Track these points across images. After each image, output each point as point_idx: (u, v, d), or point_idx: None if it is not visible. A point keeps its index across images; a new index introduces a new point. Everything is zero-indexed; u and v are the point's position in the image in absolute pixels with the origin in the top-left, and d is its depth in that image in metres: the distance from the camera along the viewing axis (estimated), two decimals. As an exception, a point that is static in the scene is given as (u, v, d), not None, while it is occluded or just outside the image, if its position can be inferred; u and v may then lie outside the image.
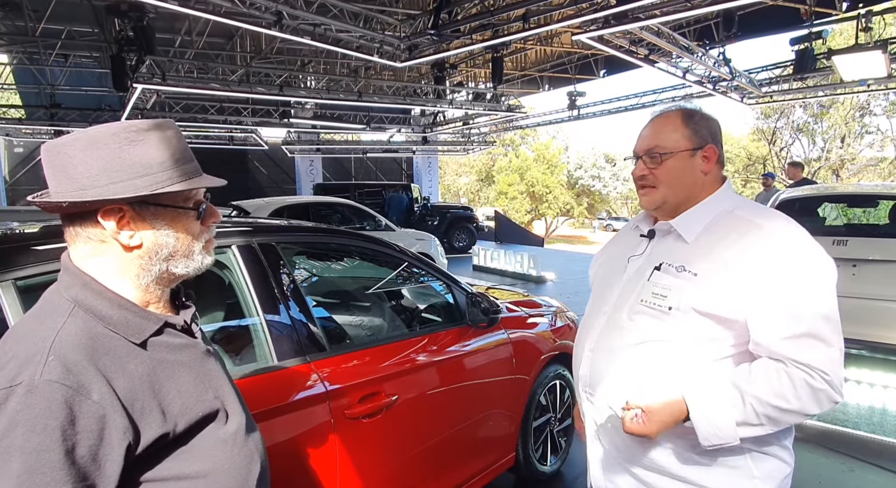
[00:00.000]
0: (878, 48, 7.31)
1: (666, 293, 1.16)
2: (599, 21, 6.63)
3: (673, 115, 1.25)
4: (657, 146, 1.23)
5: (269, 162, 20.11)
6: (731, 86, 10.69)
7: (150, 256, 0.82)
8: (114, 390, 0.73)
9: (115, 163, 0.78)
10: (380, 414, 1.83)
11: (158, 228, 0.82)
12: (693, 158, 1.22)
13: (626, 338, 1.21)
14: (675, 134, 1.22)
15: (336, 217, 8.91)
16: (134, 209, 0.80)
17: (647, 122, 1.29)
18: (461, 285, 2.48)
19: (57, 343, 0.73)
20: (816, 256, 1.11)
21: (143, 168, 0.79)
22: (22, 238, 1.46)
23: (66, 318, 0.77)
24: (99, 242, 0.81)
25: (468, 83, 15.14)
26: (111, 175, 0.77)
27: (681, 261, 1.18)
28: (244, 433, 0.90)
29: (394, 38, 8.23)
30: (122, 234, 0.80)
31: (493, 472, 2.46)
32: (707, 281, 1.13)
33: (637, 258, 1.29)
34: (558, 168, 32.79)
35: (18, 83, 13.80)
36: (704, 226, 1.20)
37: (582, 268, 11.57)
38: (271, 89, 11.27)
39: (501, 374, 2.49)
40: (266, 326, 1.66)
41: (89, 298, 0.79)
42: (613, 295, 1.29)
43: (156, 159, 0.80)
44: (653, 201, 1.26)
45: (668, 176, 1.22)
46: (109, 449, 0.71)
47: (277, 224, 2.14)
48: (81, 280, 0.80)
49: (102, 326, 0.78)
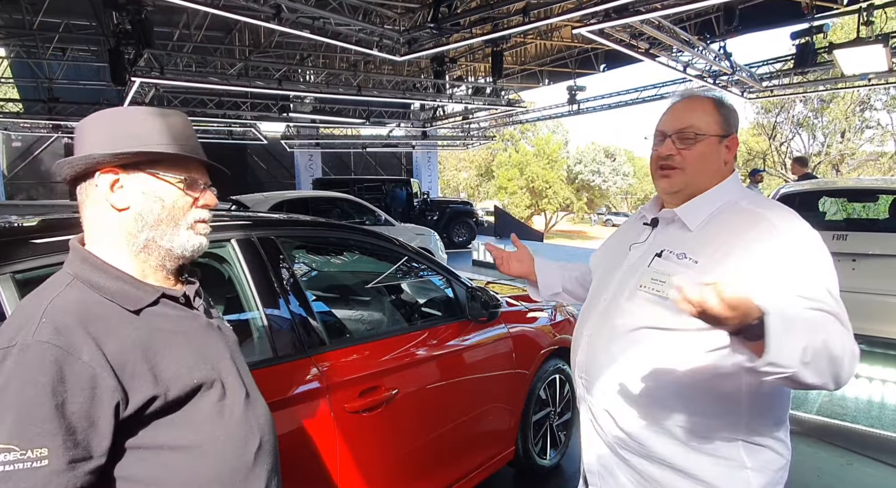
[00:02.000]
0: (879, 42, 7.29)
1: (665, 279, 1.14)
2: (600, 14, 6.60)
3: (705, 99, 1.21)
4: (692, 126, 1.17)
5: (269, 156, 20.06)
6: (731, 80, 10.66)
7: (136, 220, 0.87)
8: (103, 353, 0.78)
9: (119, 133, 0.87)
10: (380, 409, 1.83)
11: (146, 192, 0.87)
12: (720, 145, 1.18)
13: (624, 324, 1.20)
14: (710, 117, 1.18)
15: (335, 212, 8.90)
16: (127, 172, 0.87)
17: (675, 102, 1.24)
18: (461, 279, 2.47)
19: (50, 308, 0.79)
20: (824, 251, 1.09)
21: (142, 138, 0.87)
22: (19, 231, 1.46)
23: (62, 289, 0.83)
24: (94, 204, 0.88)
25: (468, 77, 15.10)
26: (114, 143, 0.86)
27: (682, 249, 1.16)
28: (242, 407, 0.92)
29: (393, 32, 8.19)
30: (113, 196, 0.86)
31: (492, 466, 2.47)
32: (708, 269, 1.10)
33: (639, 245, 1.27)
34: (558, 163, 32.74)
35: (16, 77, 13.75)
36: (709, 215, 1.18)
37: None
38: (270, 83, 11.23)
39: (501, 369, 2.49)
40: (266, 320, 1.66)
41: (87, 271, 0.85)
42: (614, 281, 1.27)
43: (154, 132, 0.88)
44: (674, 184, 1.20)
45: (697, 159, 1.18)
46: (99, 406, 0.76)
47: (277, 218, 2.13)
48: (81, 255, 0.87)
49: (99, 296, 0.84)
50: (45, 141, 16.39)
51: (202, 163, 0.93)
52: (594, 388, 1.26)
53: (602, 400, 1.25)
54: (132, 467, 0.81)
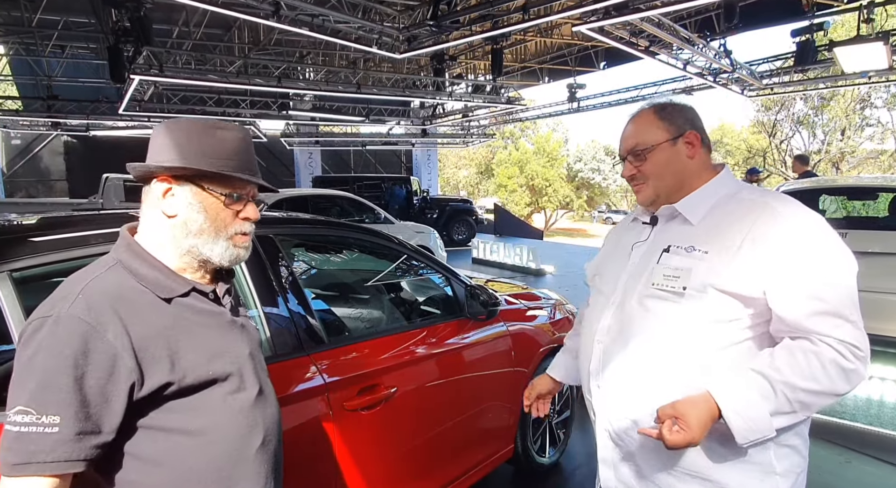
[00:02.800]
0: (879, 40, 7.28)
1: (678, 274, 1.13)
2: (600, 12, 6.59)
3: (645, 112, 1.27)
4: (637, 144, 1.24)
5: (268, 154, 20.04)
6: (731, 78, 10.65)
7: (181, 227, 0.94)
8: (128, 334, 0.84)
9: (183, 144, 0.93)
10: (379, 407, 1.83)
11: (192, 203, 0.94)
12: (675, 146, 1.22)
13: (640, 327, 1.17)
14: (652, 128, 1.23)
15: (335, 210, 8.89)
16: (178, 182, 0.94)
17: (625, 125, 1.31)
18: (460, 277, 2.47)
19: (88, 287, 0.86)
20: (835, 237, 1.10)
21: (202, 152, 0.93)
22: (18, 229, 1.45)
23: (104, 270, 0.90)
24: (149, 206, 0.96)
25: (468, 75, 15.07)
26: (173, 152, 0.93)
27: (689, 242, 1.16)
28: (252, 402, 0.97)
29: (392, 30, 8.17)
30: (164, 202, 0.94)
31: (491, 464, 2.47)
32: (720, 258, 1.10)
33: (641, 244, 1.27)
34: (558, 161, 32.70)
35: (15, 74, 13.73)
36: (709, 207, 1.19)
37: (581, 261, 11.58)
38: (270, 81, 11.22)
39: (500, 367, 2.49)
40: (264, 319, 1.65)
41: (129, 258, 0.93)
42: (620, 283, 1.25)
43: (214, 149, 0.94)
44: (647, 196, 1.26)
45: (655, 168, 1.23)
46: (115, 385, 0.82)
47: (275, 216, 2.13)
48: (127, 242, 0.95)
49: (136, 281, 0.90)
50: (45, 138, 16.37)
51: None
52: (612, 396, 1.21)
53: (622, 410, 1.19)
54: (141, 445, 0.87)
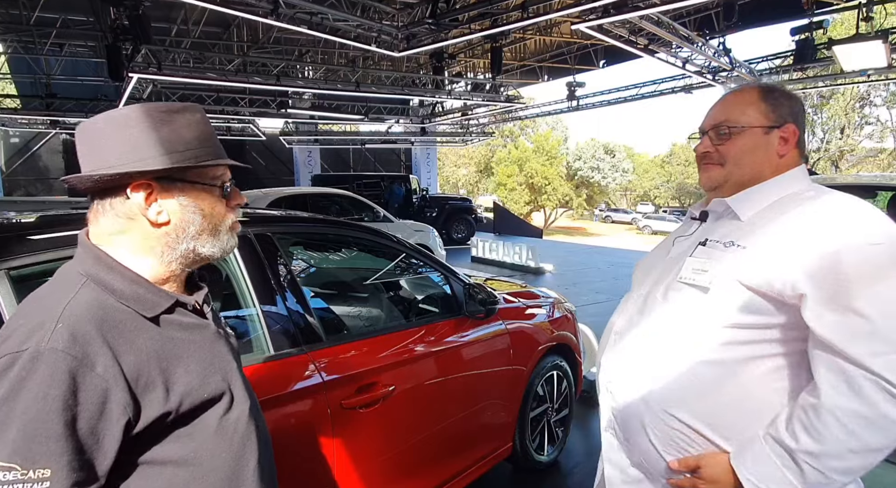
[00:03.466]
0: (878, 38, 7.28)
1: (707, 267, 1.03)
2: (599, 10, 6.58)
3: (749, 90, 1.13)
4: (726, 121, 1.11)
5: (267, 153, 20.02)
6: (730, 76, 10.63)
7: (177, 233, 0.84)
8: (119, 364, 0.74)
9: (145, 140, 0.81)
10: (377, 405, 1.83)
11: (185, 205, 0.84)
12: (768, 136, 1.09)
13: (657, 320, 1.09)
14: (750, 109, 1.10)
15: (334, 208, 8.89)
16: (162, 184, 0.82)
17: (720, 98, 1.17)
18: (458, 276, 2.47)
19: (67, 311, 0.74)
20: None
21: (172, 145, 0.82)
22: (16, 228, 1.45)
23: (77, 289, 0.78)
24: (127, 219, 0.82)
25: (467, 73, 15.06)
26: (141, 151, 0.80)
27: (730, 237, 1.06)
28: (246, 419, 0.90)
29: (392, 28, 8.16)
30: (150, 210, 0.82)
31: (489, 462, 2.47)
32: (757, 252, 0.99)
33: (684, 239, 1.18)
34: (557, 159, 32.71)
35: (13, 72, 13.71)
36: (766, 206, 1.07)
37: (580, 259, 11.59)
38: (268, 79, 11.20)
39: (499, 365, 2.50)
40: (262, 317, 1.65)
41: (101, 272, 0.80)
42: (652, 275, 1.18)
43: (183, 138, 0.83)
44: (712, 179, 1.14)
45: (736, 152, 1.10)
46: (108, 424, 0.71)
47: (274, 214, 2.13)
48: (94, 254, 0.82)
49: (115, 299, 0.79)
50: (43, 137, 16.34)
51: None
52: (621, 395, 1.13)
53: (631, 411, 1.10)
54: (138, 482, 0.78)
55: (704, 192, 1.21)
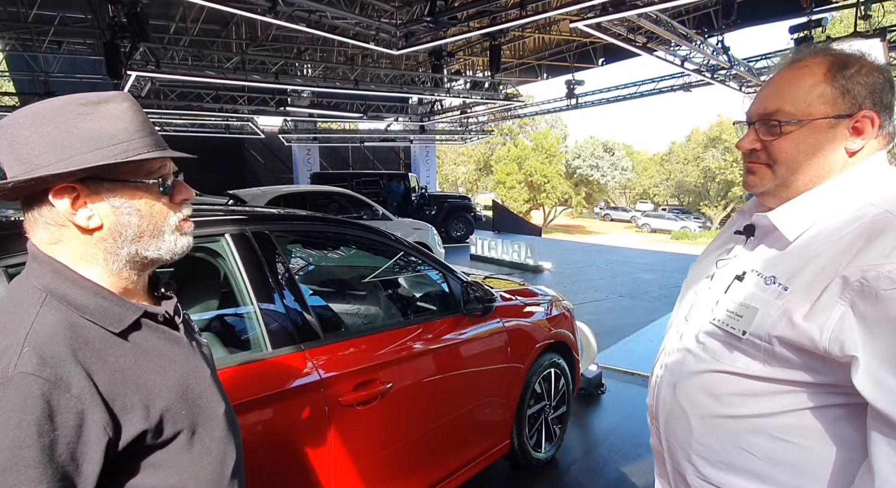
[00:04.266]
0: (876, 36, 7.28)
1: (742, 312, 0.87)
2: (597, 8, 6.58)
3: (814, 64, 0.87)
4: (779, 111, 0.87)
5: (266, 151, 20.01)
6: (729, 74, 10.65)
7: (114, 238, 0.76)
8: (94, 383, 0.69)
9: (63, 138, 0.72)
10: (374, 402, 1.84)
11: (118, 206, 0.76)
12: (834, 129, 0.85)
13: (691, 366, 0.96)
14: (812, 93, 0.85)
15: (333, 206, 8.89)
16: (88, 186, 0.73)
17: (775, 72, 0.92)
18: (456, 274, 2.48)
19: (32, 333, 0.68)
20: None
21: (94, 141, 0.73)
22: (14, 225, 1.46)
23: (38, 308, 0.71)
24: (57, 226, 0.74)
25: (466, 71, 15.06)
26: (59, 151, 0.71)
27: (774, 270, 0.86)
28: (223, 427, 0.86)
29: (390, 26, 8.16)
30: (78, 215, 0.74)
31: (487, 459, 2.49)
32: (799, 298, 0.80)
33: (725, 262, 0.98)
34: (556, 157, 32.68)
35: (11, 70, 13.67)
36: (816, 222, 0.85)
37: (579, 257, 11.60)
38: (267, 77, 11.18)
39: (496, 362, 2.51)
40: (260, 315, 1.66)
41: (62, 286, 0.73)
42: (688, 307, 1.03)
43: (107, 132, 0.74)
44: (757, 184, 0.92)
45: (792, 151, 0.87)
46: (87, 446, 0.67)
47: (271, 212, 2.13)
48: (52, 267, 0.74)
49: (78, 316, 0.73)
50: (42, 135, 16.31)
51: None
52: (666, 440, 1.02)
53: (676, 460, 1.01)
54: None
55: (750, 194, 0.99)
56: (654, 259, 11.49)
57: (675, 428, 0.99)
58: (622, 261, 10.82)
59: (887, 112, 0.86)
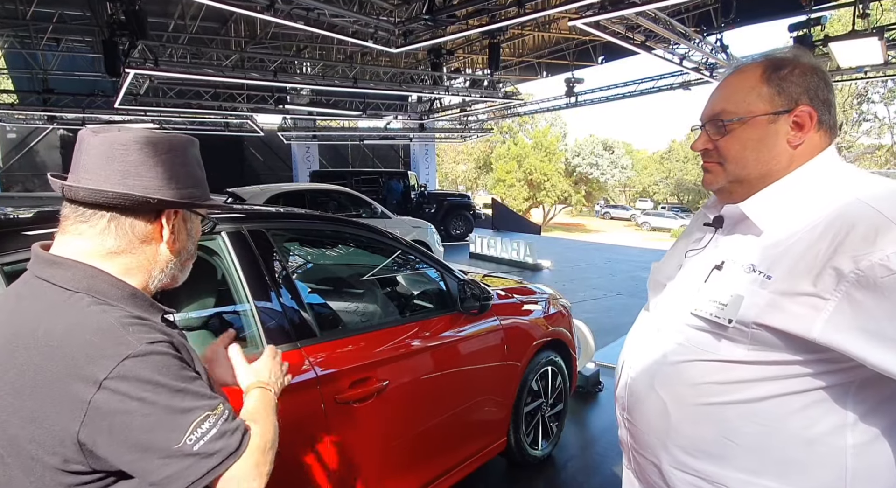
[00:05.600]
0: (874, 35, 7.26)
1: (725, 300, 0.89)
2: (596, 6, 6.56)
3: (750, 69, 0.94)
4: (723, 111, 0.95)
5: (265, 149, 19.98)
6: (728, 73, 10.62)
7: (177, 257, 0.91)
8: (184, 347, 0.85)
9: (177, 173, 0.87)
10: (371, 400, 1.85)
11: (191, 234, 0.94)
12: (775, 125, 0.91)
13: (671, 356, 0.97)
14: (751, 92, 0.92)
15: (332, 204, 8.89)
16: (184, 215, 0.91)
17: (720, 80, 1.00)
18: (453, 272, 2.49)
19: (114, 321, 0.77)
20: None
21: (194, 179, 0.91)
22: (13, 223, 1.46)
23: (90, 305, 0.78)
24: (140, 241, 0.86)
25: (465, 69, 15.04)
26: (176, 182, 0.86)
27: (751, 258, 0.89)
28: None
29: (389, 24, 8.14)
30: (169, 235, 0.88)
31: (483, 456, 2.50)
32: (786, 286, 0.83)
33: (696, 253, 1.02)
34: (556, 155, 32.66)
35: (10, 67, 13.65)
36: (789, 210, 0.89)
37: (578, 255, 11.61)
38: (266, 75, 11.14)
39: (493, 360, 2.52)
40: (256, 312, 1.67)
41: (103, 287, 0.82)
42: (663, 297, 1.04)
43: (199, 174, 0.93)
44: (713, 182, 0.99)
45: (737, 148, 0.94)
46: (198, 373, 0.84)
47: (268, 211, 2.14)
48: (88, 272, 0.82)
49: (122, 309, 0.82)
50: (41, 132, 16.28)
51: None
52: (637, 432, 1.04)
53: (648, 451, 1.01)
54: None
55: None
56: (654, 257, 11.38)
57: (650, 419, 1.00)
58: (621, 260, 10.83)
59: (825, 107, 0.92)
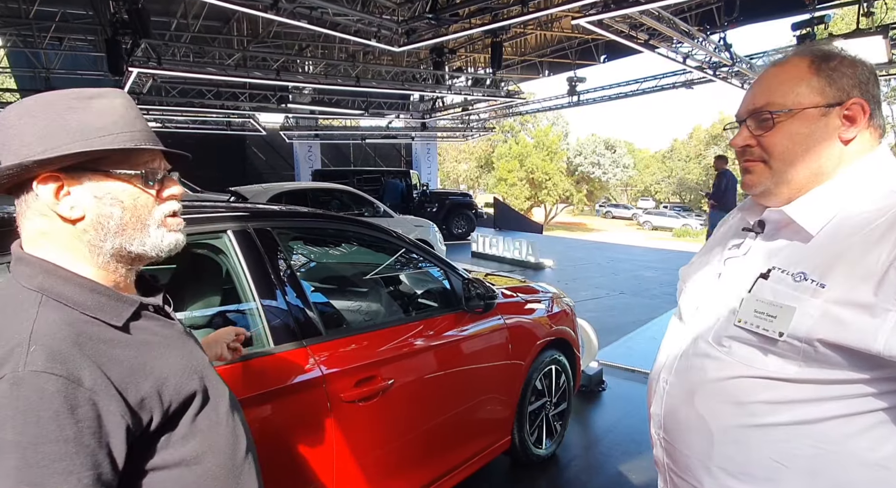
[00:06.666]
0: (878, 33, 7.25)
1: (775, 312, 0.81)
2: (599, 5, 6.56)
3: (797, 60, 0.88)
4: (769, 104, 0.87)
5: (268, 148, 20.00)
6: (731, 71, 10.61)
7: (96, 230, 0.77)
8: (106, 376, 0.70)
9: (51, 129, 0.74)
10: (375, 398, 1.85)
11: (100, 196, 0.76)
12: (826, 118, 0.85)
13: (713, 372, 0.89)
14: (799, 84, 0.86)
15: (335, 203, 8.90)
16: (71, 176, 0.75)
17: (760, 74, 0.93)
18: (457, 271, 2.49)
19: (35, 333, 0.68)
20: None
21: (80, 133, 0.74)
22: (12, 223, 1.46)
23: (37, 308, 0.71)
24: (41, 216, 0.76)
25: (467, 68, 15.03)
26: (46, 141, 0.73)
27: (800, 266, 0.82)
28: (228, 409, 0.88)
29: (391, 22, 8.14)
30: (61, 204, 0.75)
31: (488, 455, 2.49)
32: (844, 294, 0.77)
33: (736, 260, 0.94)
34: (558, 155, 32.63)
35: (13, 66, 13.67)
36: (839, 213, 0.83)
37: (580, 254, 11.60)
38: (268, 74, 11.16)
39: (497, 359, 2.51)
40: (262, 311, 1.67)
41: (57, 285, 0.74)
42: (700, 309, 0.96)
43: (94, 125, 0.76)
44: (755, 183, 0.91)
45: (785, 143, 0.86)
46: (108, 436, 0.68)
47: (273, 209, 2.14)
48: (43, 267, 0.75)
49: (79, 313, 0.74)
50: (43, 131, 16.33)
51: (157, 150, 0.81)
52: (676, 453, 0.96)
53: (689, 474, 0.94)
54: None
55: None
56: (656, 256, 11.48)
57: (691, 439, 0.92)
58: (623, 259, 10.82)
59: (875, 103, 0.86)
